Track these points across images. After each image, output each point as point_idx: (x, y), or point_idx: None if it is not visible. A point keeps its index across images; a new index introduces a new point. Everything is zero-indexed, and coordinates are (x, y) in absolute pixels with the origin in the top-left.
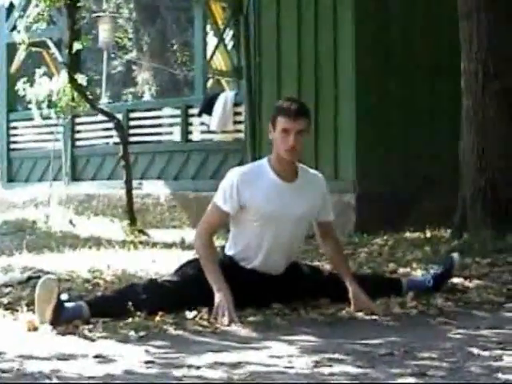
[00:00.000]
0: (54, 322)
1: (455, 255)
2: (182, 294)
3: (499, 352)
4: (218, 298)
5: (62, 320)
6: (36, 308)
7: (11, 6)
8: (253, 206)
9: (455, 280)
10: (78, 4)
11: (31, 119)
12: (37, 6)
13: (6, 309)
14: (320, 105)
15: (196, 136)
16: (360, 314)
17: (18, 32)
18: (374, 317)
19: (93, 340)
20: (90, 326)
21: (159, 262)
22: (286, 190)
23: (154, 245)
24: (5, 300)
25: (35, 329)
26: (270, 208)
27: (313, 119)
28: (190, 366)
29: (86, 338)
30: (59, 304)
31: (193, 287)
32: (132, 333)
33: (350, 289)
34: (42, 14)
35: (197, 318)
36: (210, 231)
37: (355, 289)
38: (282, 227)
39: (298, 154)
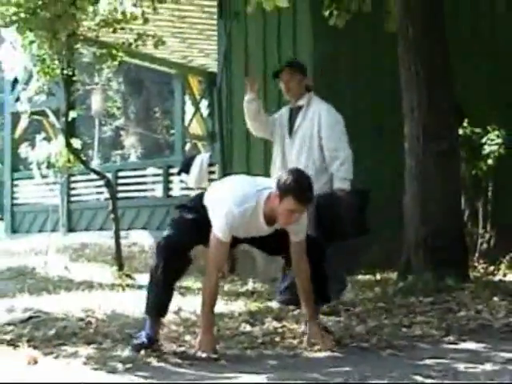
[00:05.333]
0: None
1: None
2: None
3: (440, 380)
4: (201, 339)
5: None
6: None
7: (15, 80)
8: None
9: (401, 317)
10: (74, 78)
11: (32, 178)
12: (38, 80)
13: (9, 345)
14: None
15: (176, 192)
16: (318, 347)
17: (22, 103)
18: (336, 351)
19: (85, 372)
20: (84, 359)
21: (144, 303)
22: (265, 231)
23: (140, 287)
24: (8, 337)
25: (35, 362)
26: (242, 237)
27: None
28: None
29: (79, 370)
30: None
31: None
32: (119, 365)
33: (309, 329)
34: (42, 87)
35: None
36: (220, 269)
37: (313, 329)
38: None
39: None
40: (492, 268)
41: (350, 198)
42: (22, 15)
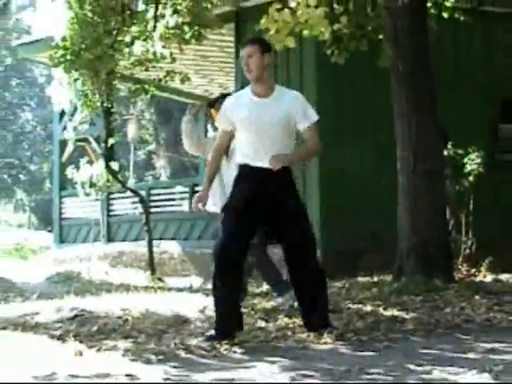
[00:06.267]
0: None
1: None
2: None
3: (430, 367)
4: (201, 191)
5: None
6: None
7: (63, 113)
8: (239, 118)
9: (396, 313)
10: (112, 110)
11: (77, 196)
12: (81, 112)
13: (58, 339)
14: None
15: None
16: (324, 340)
17: (68, 131)
18: (339, 343)
19: (124, 363)
20: (122, 352)
21: (173, 303)
22: (262, 103)
23: (169, 289)
24: (57, 333)
25: (81, 354)
26: (250, 118)
27: None
28: (196, 382)
29: (118, 361)
30: None
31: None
32: (153, 357)
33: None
34: (85, 118)
35: (203, 345)
36: (217, 147)
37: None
38: (262, 133)
39: (254, 73)
40: (474, 270)
41: None
42: (68, 57)
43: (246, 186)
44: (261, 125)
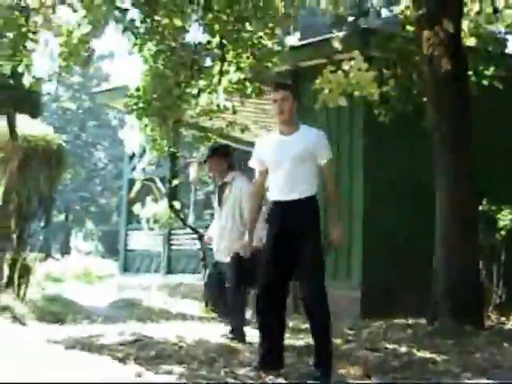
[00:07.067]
0: None
1: None
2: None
3: None
4: (245, 239)
5: None
6: None
7: (133, 154)
8: (265, 158)
9: (428, 355)
10: (177, 154)
11: (141, 229)
12: (150, 154)
13: (120, 361)
14: None
15: None
16: (361, 375)
17: (136, 172)
18: (375, 379)
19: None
20: (177, 376)
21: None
22: (285, 141)
23: (221, 320)
24: (119, 355)
25: (140, 376)
26: (273, 155)
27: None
28: None
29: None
30: None
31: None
32: (204, 382)
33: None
34: (153, 160)
35: (250, 374)
36: (255, 190)
37: (333, 230)
38: (284, 168)
39: (286, 115)
40: (503, 318)
41: None
42: (141, 105)
43: (275, 222)
44: (283, 160)
